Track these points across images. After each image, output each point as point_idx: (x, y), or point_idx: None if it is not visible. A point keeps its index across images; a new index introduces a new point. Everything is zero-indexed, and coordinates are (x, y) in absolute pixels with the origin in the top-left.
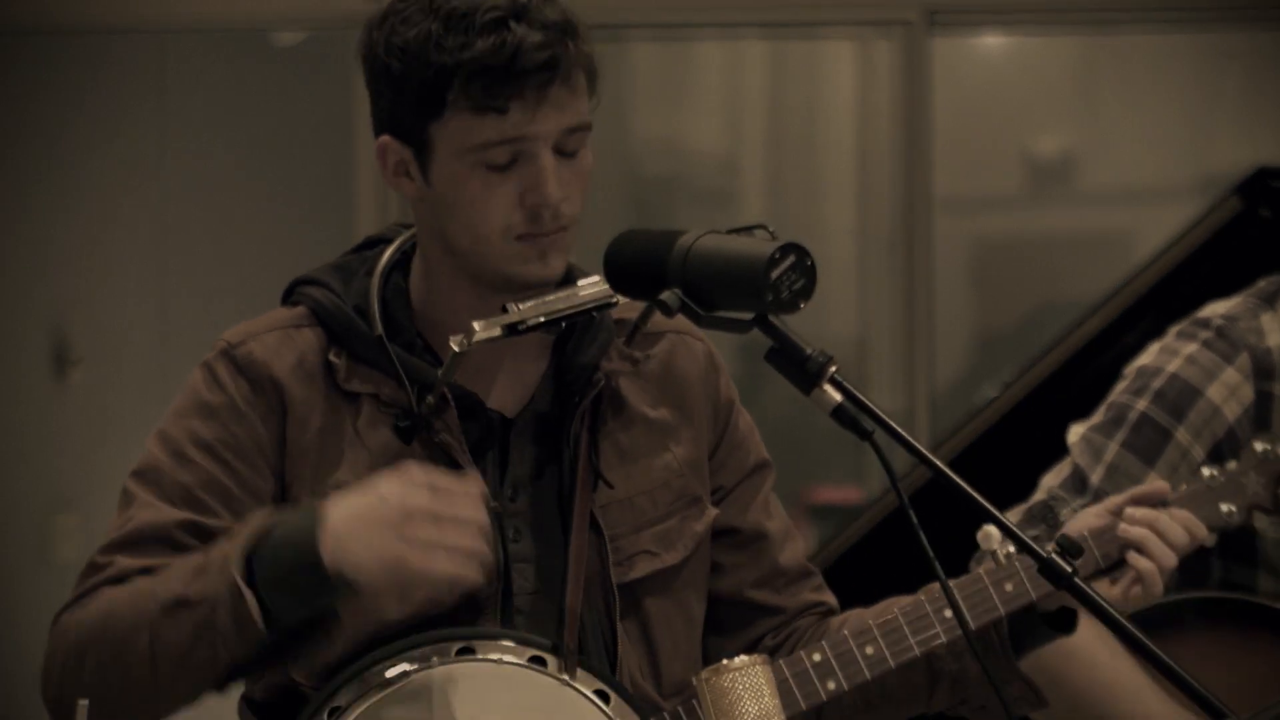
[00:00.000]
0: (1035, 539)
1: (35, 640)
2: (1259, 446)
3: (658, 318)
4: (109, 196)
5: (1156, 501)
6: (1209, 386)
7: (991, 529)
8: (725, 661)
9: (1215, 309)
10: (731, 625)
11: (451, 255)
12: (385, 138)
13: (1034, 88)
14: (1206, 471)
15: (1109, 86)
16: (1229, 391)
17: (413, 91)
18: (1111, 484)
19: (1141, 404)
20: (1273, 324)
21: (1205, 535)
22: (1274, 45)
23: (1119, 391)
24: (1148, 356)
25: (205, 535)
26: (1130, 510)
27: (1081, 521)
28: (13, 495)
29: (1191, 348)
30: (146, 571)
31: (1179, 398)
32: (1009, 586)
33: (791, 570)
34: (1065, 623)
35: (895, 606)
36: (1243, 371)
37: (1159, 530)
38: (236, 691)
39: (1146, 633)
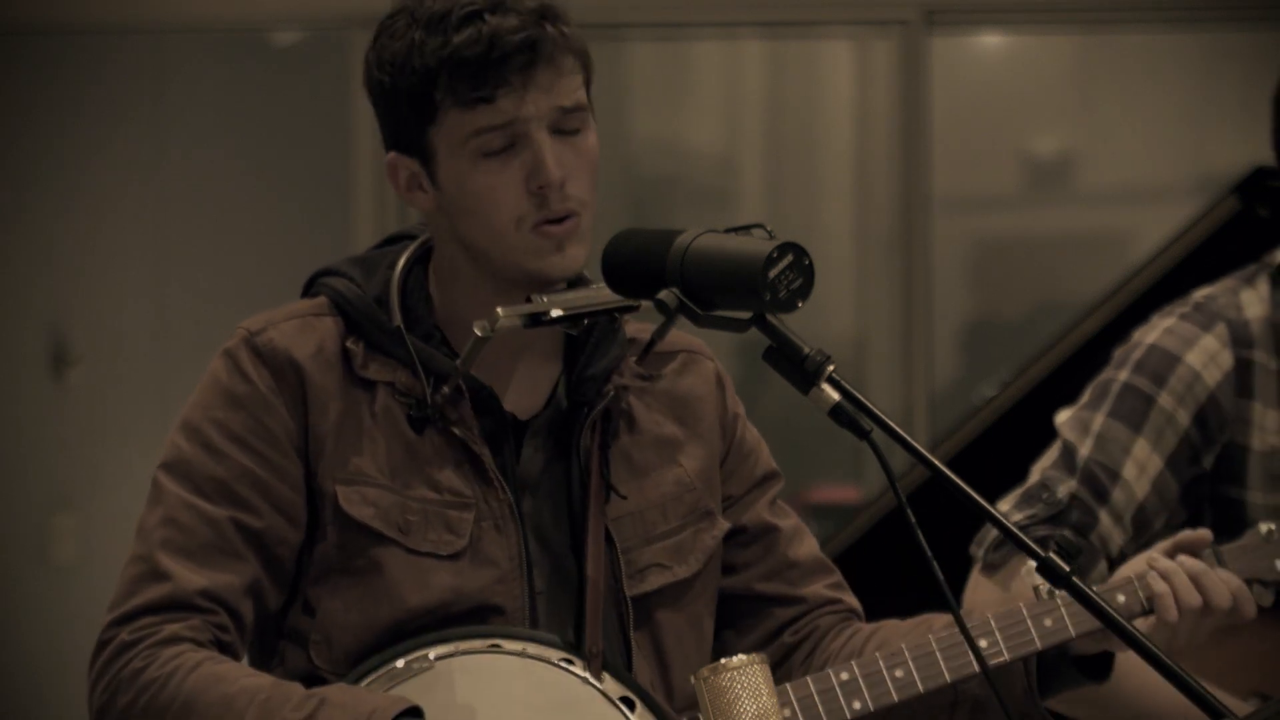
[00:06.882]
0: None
1: (34, 639)
2: None
3: (670, 337)
4: (107, 196)
5: (1196, 548)
6: (1187, 353)
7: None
8: (723, 660)
9: (1198, 291)
10: (747, 620)
11: (473, 259)
12: (392, 154)
13: (1032, 87)
14: (1264, 528)
15: (1107, 86)
16: (1208, 357)
17: (406, 101)
18: (1102, 453)
19: (1123, 375)
20: (1252, 299)
21: (1246, 601)
22: (1272, 45)
23: (1101, 374)
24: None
25: (250, 535)
26: (1156, 562)
27: (1130, 567)
28: (11, 495)
29: (1169, 321)
30: (212, 600)
31: (1158, 365)
32: (1048, 622)
33: (805, 563)
34: (1099, 669)
35: (930, 631)
36: (1220, 339)
37: (1174, 587)
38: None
39: None
